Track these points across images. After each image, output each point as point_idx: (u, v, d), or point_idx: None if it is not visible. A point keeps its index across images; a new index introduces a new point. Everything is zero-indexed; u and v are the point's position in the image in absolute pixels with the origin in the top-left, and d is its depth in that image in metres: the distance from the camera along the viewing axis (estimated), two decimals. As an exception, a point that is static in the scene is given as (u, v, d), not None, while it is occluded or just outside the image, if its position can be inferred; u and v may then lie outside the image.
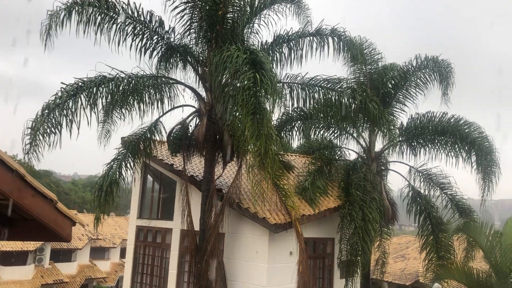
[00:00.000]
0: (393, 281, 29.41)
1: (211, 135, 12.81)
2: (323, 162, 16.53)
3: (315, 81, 13.93)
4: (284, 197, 13.13)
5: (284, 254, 13.23)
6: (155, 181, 17.24)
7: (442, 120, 16.80)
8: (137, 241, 16.55)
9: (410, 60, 17.21)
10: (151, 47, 12.95)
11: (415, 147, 17.43)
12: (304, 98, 13.88)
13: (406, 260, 32.59)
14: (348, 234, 14.43)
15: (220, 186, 13.96)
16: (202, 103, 13.20)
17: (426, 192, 17.70)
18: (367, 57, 17.33)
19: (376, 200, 15.05)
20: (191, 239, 13.27)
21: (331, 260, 15.19)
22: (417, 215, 17.25)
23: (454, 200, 17.44)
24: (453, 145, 16.63)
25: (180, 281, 14.76)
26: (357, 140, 17.86)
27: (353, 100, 13.90)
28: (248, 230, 13.30)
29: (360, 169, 15.88)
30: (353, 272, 14.28)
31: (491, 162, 16.23)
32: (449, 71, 17.03)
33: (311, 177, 15.27)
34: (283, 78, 14.10)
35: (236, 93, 10.51)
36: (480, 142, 16.20)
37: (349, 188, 15.07)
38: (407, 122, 17.44)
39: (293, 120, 17.25)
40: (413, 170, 17.93)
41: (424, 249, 16.82)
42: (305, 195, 14.57)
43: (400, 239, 38.92)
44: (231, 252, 13.53)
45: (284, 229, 12.73)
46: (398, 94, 17.52)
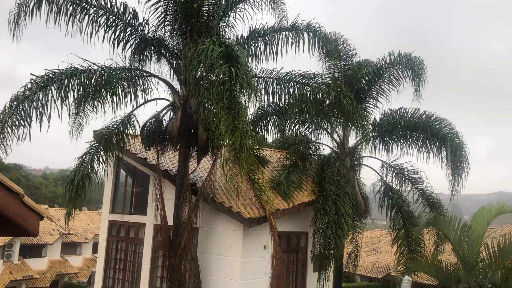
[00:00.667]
0: (366, 274, 29.95)
1: (186, 129, 12.70)
2: (298, 157, 16.64)
3: (291, 76, 13.98)
4: (259, 192, 13.16)
5: (258, 248, 13.26)
6: (128, 175, 17.01)
7: (414, 116, 17.12)
8: (110, 236, 16.31)
9: (384, 57, 17.48)
10: (124, 39, 12.72)
11: (388, 142, 17.73)
12: (280, 93, 13.92)
13: (378, 253, 33.21)
14: (321, 228, 14.57)
15: (194, 180, 13.89)
16: (176, 97, 13.06)
17: (398, 186, 18.06)
18: (341, 53, 17.48)
19: (349, 194, 15.24)
20: (165, 233, 13.16)
21: (305, 253, 15.32)
22: (389, 209, 17.58)
23: (425, 195, 17.83)
24: (424, 141, 16.98)
25: (153, 276, 14.64)
26: (331, 135, 18.04)
27: (328, 95, 14.01)
28: (222, 224, 13.28)
29: (334, 164, 16.05)
30: (326, 265, 14.44)
31: (461, 157, 16.65)
32: (421, 68, 17.36)
33: (285, 172, 15.35)
34: (259, 72, 14.10)
35: (211, 87, 10.43)
36: (451, 138, 16.60)
37: (323, 182, 15.21)
38: (380, 118, 17.72)
39: (269, 114, 17.28)
40: (385, 165, 18.26)
41: (395, 243, 17.17)
42: (279, 189, 14.62)
43: (372, 233, 39.63)
44: (205, 246, 13.49)
45: (258, 223, 12.76)
46: (372, 90, 17.76)
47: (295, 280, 15.07)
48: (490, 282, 11.62)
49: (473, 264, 12.29)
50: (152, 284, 14.61)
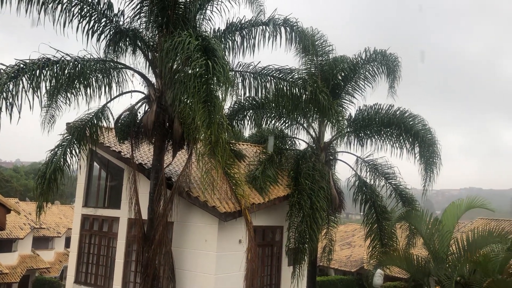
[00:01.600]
0: (339, 268, 30.37)
1: (161, 122, 12.56)
2: (274, 151, 16.68)
3: (267, 70, 13.96)
4: (235, 186, 13.16)
5: (233, 242, 13.28)
6: (102, 168, 16.73)
7: (388, 112, 17.39)
8: (83, 230, 16.05)
9: (360, 53, 17.67)
10: (98, 30, 12.46)
11: (362, 138, 17.96)
12: (256, 87, 13.88)
13: (352, 247, 33.71)
14: (296, 222, 14.67)
15: (169, 174, 13.77)
16: (151, 89, 12.90)
17: (371, 181, 18.33)
18: (318, 48, 17.60)
19: (324, 189, 15.39)
20: (139, 228, 13.03)
21: (280, 247, 15.41)
22: (363, 204, 17.83)
23: (398, 190, 18.17)
24: (398, 137, 17.28)
25: (127, 271, 14.49)
26: (307, 130, 18.16)
27: (304, 90, 14.05)
28: (197, 218, 13.23)
29: (309, 158, 16.16)
30: (301, 259, 14.56)
31: (433, 153, 17.02)
32: (396, 65, 17.63)
33: (261, 166, 15.37)
34: (236, 66, 14.03)
35: (187, 80, 10.33)
36: (423, 134, 16.94)
37: (299, 177, 15.30)
38: (355, 114, 17.93)
39: (245, 109, 17.27)
40: (360, 160, 18.50)
41: (368, 237, 17.45)
42: (255, 184, 14.64)
43: (346, 227, 40.17)
44: (179, 241, 13.42)
45: (233, 217, 12.77)
46: (348, 86, 17.95)
47: (270, 274, 15.16)
48: (458, 275, 11.95)
49: (443, 257, 12.61)
50: (125, 279, 14.47)
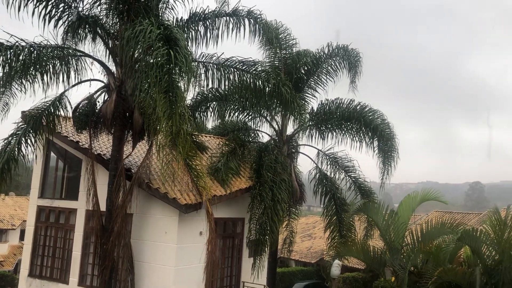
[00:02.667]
0: (300, 259, 30.79)
1: (121, 112, 12.30)
2: (237, 143, 16.66)
3: (231, 62, 13.91)
4: (196, 178, 13.07)
5: (194, 234, 13.23)
6: (59, 158, 16.24)
7: (349, 106, 17.72)
8: (38, 222, 15.56)
9: (323, 48, 17.86)
10: (56, 16, 12.06)
11: (324, 131, 18.24)
12: (219, 78, 13.82)
13: (313, 239, 34.25)
14: (257, 214, 14.76)
15: (129, 165, 13.53)
16: (111, 78, 12.60)
17: (332, 174, 18.66)
18: (282, 41, 17.67)
19: (286, 181, 15.54)
20: (97, 219, 12.76)
21: (241, 239, 15.48)
22: (323, 196, 18.15)
23: (357, 183, 18.57)
24: (358, 131, 17.65)
25: (84, 263, 14.19)
26: (270, 123, 18.25)
27: (267, 83, 14.10)
28: (157, 210, 13.09)
29: (272, 151, 16.27)
30: (261, 250, 14.68)
31: (391, 147, 17.49)
32: (358, 60, 17.94)
33: (224, 158, 15.35)
34: (199, 57, 13.92)
35: (149, 70, 10.17)
36: (382, 129, 17.37)
37: (261, 169, 15.37)
38: (317, 108, 18.18)
39: (208, 100, 17.15)
40: (321, 153, 18.79)
41: (328, 228, 17.79)
42: (217, 176, 14.61)
43: (308, 219, 40.75)
44: (139, 232, 13.24)
45: (194, 209, 12.71)
46: (310, 80, 18.13)
47: (231, 266, 15.22)
48: (412, 265, 12.40)
49: (398, 248, 13.05)
50: (83, 271, 14.17)
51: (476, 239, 11.61)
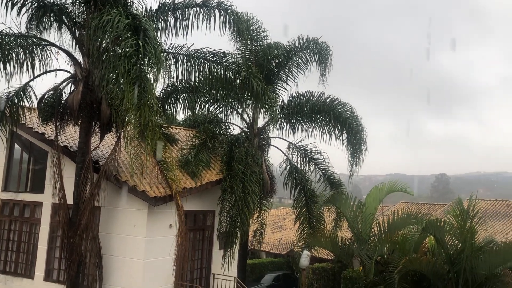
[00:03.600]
0: (271, 251, 31.03)
1: (88, 103, 12.04)
2: (208, 136, 16.58)
3: (201, 53, 13.79)
4: (166, 170, 12.95)
5: (164, 227, 13.14)
6: (23, 151, 15.76)
7: (319, 99, 17.88)
8: (1, 215, 15.11)
9: (293, 40, 17.92)
10: (19, 3, 11.66)
11: (294, 124, 18.37)
12: (190, 69, 13.67)
13: (283, 230, 34.54)
14: (228, 206, 14.77)
15: (97, 157, 13.29)
16: (78, 69, 12.30)
17: (302, 166, 18.85)
18: (253, 33, 17.62)
19: (257, 173, 15.58)
20: (64, 213, 12.51)
21: (211, 231, 15.47)
22: (293, 188, 18.33)
23: (327, 174, 18.82)
24: (327, 123, 17.86)
25: (50, 257, 13.89)
26: (241, 115, 18.23)
27: (238, 75, 14.05)
28: (126, 203, 12.89)
29: (243, 143, 16.26)
30: (232, 242, 14.71)
31: (360, 140, 17.79)
32: (328, 54, 18.09)
33: (194, 151, 15.26)
34: (168, 47, 13.73)
35: (117, 60, 9.98)
36: (351, 121, 17.63)
37: (232, 162, 15.37)
38: (288, 100, 18.26)
39: (178, 92, 16.96)
40: (291, 145, 18.93)
41: (298, 220, 18.00)
42: (187, 168, 14.52)
43: (279, 211, 41.05)
44: (107, 226, 13.05)
45: (164, 202, 12.61)
46: (281, 72, 18.18)
47: (201, 258, 15.20)
48: (379, 255, 12.69)
49: (366, 238, 13.32)
50: (49, 266, 13.87)
51: (440, 229, 11.98)
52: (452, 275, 11.96)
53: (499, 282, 11.78)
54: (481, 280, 11.77)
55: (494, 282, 11.81)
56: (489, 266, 11.70)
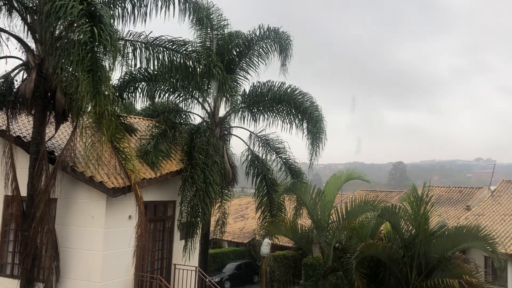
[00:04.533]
0: (233, 240, 31.21)
1: (41, 91, 11.59)
2: (168, 125, 16.38)
3: (160, 41, 13.55)
4: (124, 161, 12.72)
5: (123, 218, 12.93)
6: (-27, 141, 15.07)
7: (280, 89, 18.00)
8: (-51, 210, 14.41)
9: (254, 30, 17.89)
10: (-36, -15, 11.04)
11: (256, 113, 18.43)
12: (148, 58, 13.41)
13: (245, 220, 34.78)
14: (189, 197, 14.69)
15: (52, 148, 12.87)
16: (30, 56, 11.81)
17: (263, 156, 19.00)
18: (213, 22, 17.47)
19: (218, 163, 15.56)
20: (17, 205, 12.08)
21: (172, 222, 15.35)
22: (255, 177, 18.45)
23: (288, 164, 19.04)
24: (288, 113, 18.02)
25: (3, 251, 13.41)
26: (202, 104, 18.10)
27: (198, 64, 13.90)
28: (83, 194, 12.60)
29: (204, 133, 16.16)
30: (193, 233, 14.67)
31: (320, 129, 18.06)
32: (288, 43, 18.18)
33: (154, 141, 15.05)
34: (126, 35, 13.40)
35: (71, 47, 9.68)
36: (311, 111, 17.86)
37: (192, 151, 15.27)
38: (249, 90, 18.28)
39: (137, 81, 16.61)
40: (253, 135, 19.02)
41: (259, 209, 18.17)
42: (147, 158, 14.30)
43: (241, 200, 41.27)
44: (64, 218, 12.71)
45: (122, 193, 12.40)
46: (242, 62, 18.15)
47: (162, 249, 15.08)
48: (337, 241, 13.00)
49: (325, 226, 13.60)
50: (2, 260, 13.40)
51: (395, 215, 12.39)
52: (406, 259, 12.42)
53: (450, 265, 12.31)
54: (434, 263, 12.26)
55: (446, 265, 12.33)
56: (441, 250, 12.20)
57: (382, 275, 13.35)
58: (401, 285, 12.51)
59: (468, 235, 12.30)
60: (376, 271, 13.25)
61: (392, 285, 12.86)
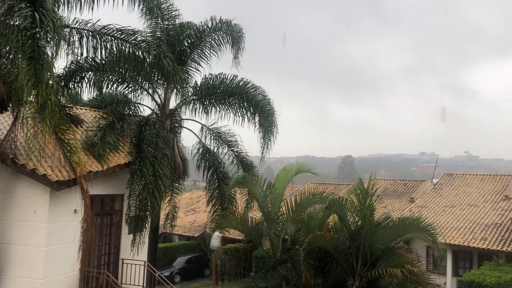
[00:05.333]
0: (184, 234, 30.96)
1: (-22, 79, 10.94)
2: (116, 117, 15.93)
3: (108, 30, 13.13)
4: (69, 153, 12.26)
5: (68, 212, 12.51)
6: None
7: (232, 82, 17.97)
8: None
9: (206, 21, 17.71)
10: None
11: (207, 106, 18.30)
12: (95, 46, 12.98)
13: (197, 213, 34.58)
14: (138, 190, 14.39)
15: (-10, 139, 12.19)
16: (-35, 41, 11.08)
17: (215, 149, 18.92)
18: (164, 12, 17.11)
19: (168, 156, 15.33)
20: (-50, 200, 11.36)
21: (120, 216, 14.99)
22: (206, 170, 18.36)
23: (239, 157, 19.07)
24: (240, 106, 18.03)
25: None
26: (152, 96, 17.75)
27: (148, 54, 13.59)
28: (25, 188, 12.05)
29: (153, 125, 15.87)
30: (142, 227, 14.39)
31: (271, 123, 18.22)
32: (241, 36, 18.14)
33: (101, 132, 14.59)
34: (72, 22, 12.89)
35: (10, 33, 9.18)
36: (263, 105, 17.96)
37: (141, 144, 14.95)
38: (201, 82, 18.14)
39: (84, 70, 16.03)
40: (204, 128, 18.88)
41: (210, 202, 18.10)
42: (93, 150, 13.86)
43: (192, 193, 40.97)
44: (4, 212, 12.10)
45: (67, 186, 11.97)
46: (194, 53, 17.93)
47: (109, 243, 14.71)
48: (286, 233, 13.18)
49: (275, 218, 13.74)
50: None
51: (342, 207, 12.72)
52: (353, 250, 12.79)
53: (393, 255, 12.79)
54: (379, 254, 12.70)
55: (390, 255, 12.81)
56: (385, 241, 12.66)
57: (329, 265, 13.69)
58: (347, 275, 12.89)
59: (410, 226, 12.81)
60: (323, 262, 13.57)
61: (339, 276, 13.22)
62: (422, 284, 12.60)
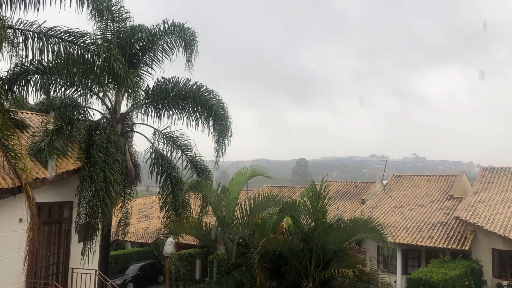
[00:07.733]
0: (137, 240, 30.29)
1: None
2: (64, 121, 15.44)
3: (55, 32, 12.67)
4: (14, 159, 11.71)
5: (12, 221, 11.98)
6: None
7: (186, 85, 17.82)
8: None
9: (158, 24, 17.51)
10: None
11: (160, 110, 18.05)
12: (42, 49, 12.48)
13: (150, 219, 33.94)
14: (87, 197, 13.98)
15: None
16: None
17: (168, 153, 18.69)
18: (115, 14, 16.76)
19: (119, 161, 15.01)
20: None
21: (69, 224, 14.50)
22: (159, 176, 18.10)
23: (193, 161, 18.92)
24: (194, 110, 17.89)
25: None
26: (103, 100, 17.31)
27: (98, 57, 13.24)
28: (-35, 197, 11.42)
29: (104, 130, 15.48)
30: (92, 234, 13.97)
31: (225, 127, 18.19)
32: (193, 40, 18.05)
33: (48, 138, 14.09)
34: (16, 23, 12.35)
35: None
36: (217, 109, 17.91)
37: (91, 149, 14.55)
38: (153, 85, 17.88)
39: (29, 73, 15.38)
40: (157, 132, 18.60)
41: (163, 207, 17.83)
42: (40, 156, 13.35)
43: (145, 199, 40.20)
44: None
45: (12, 194, 11.47)
46: (146, 56, 17.67)
47: (57, 253, 14.19)
48: (240, 237, 13.18)
49: (229, 222, 13.71)
50: None
51: (296, 210, 12.86)
52: (306, 252, 12.95)
53: (345, 256, 13.07)
54: (331, 255, 12.93)
55: (342, 256, 13.07)
56: (337, 242, 12.90)
57: (283, 268, 13.79)
58: (301, 277, 13.04)
59: (361, 227, 13.14)
60: (277, 265, 13.66)
61: (293, 278, 13.35)
62: (373, 283, 12.94)
